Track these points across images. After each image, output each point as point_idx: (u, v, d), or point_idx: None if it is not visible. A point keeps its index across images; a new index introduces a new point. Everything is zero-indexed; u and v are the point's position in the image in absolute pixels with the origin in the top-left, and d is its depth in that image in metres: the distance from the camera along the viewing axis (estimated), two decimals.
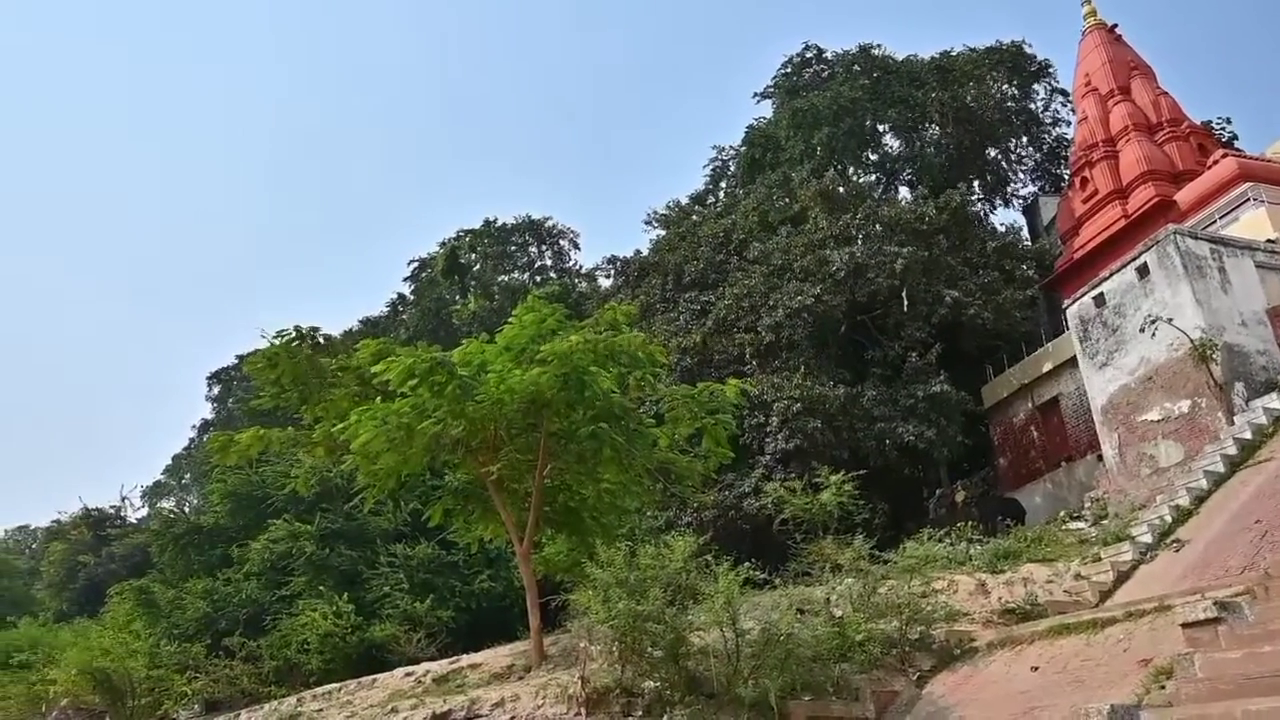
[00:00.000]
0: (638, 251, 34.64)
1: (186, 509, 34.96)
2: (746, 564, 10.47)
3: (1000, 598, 12.79)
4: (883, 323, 24.56)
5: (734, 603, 9.58)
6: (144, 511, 49.41)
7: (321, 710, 14.40)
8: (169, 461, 57.65)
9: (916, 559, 11.65)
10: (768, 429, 21.49)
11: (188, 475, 53.92)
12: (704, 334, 24.92)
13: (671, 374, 19.20)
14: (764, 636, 9.54)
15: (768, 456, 21.27)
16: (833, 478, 14.65)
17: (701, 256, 28.08)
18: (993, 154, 33.88)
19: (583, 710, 10.37)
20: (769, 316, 23.60)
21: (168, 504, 45.97)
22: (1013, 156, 34.68)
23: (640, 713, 9.91)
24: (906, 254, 23.52)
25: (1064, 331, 22.71)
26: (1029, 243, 31.04)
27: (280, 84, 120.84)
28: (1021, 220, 34.22)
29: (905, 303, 23.87)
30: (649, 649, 9.85)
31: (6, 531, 65.29)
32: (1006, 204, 34.90)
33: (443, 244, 47.51)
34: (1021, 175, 35.02)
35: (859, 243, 24.95)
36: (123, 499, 52.20)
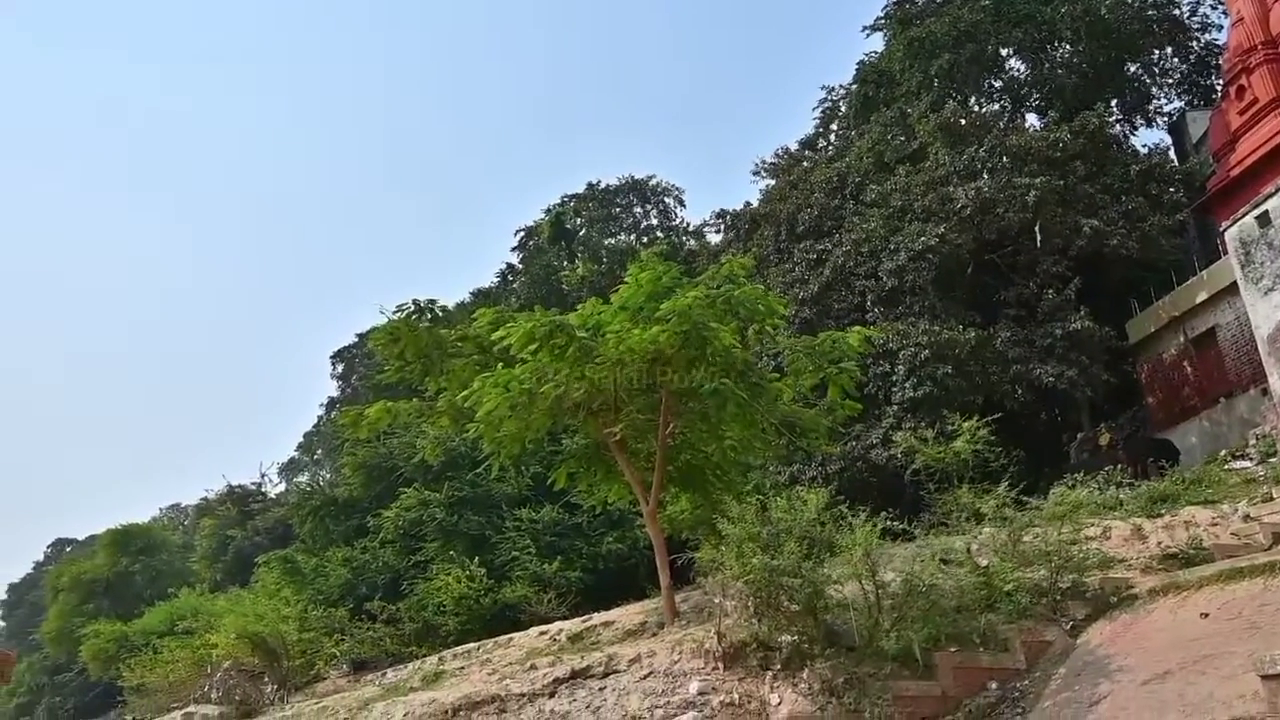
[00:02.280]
0: (747, 204, 34.27)
1: (321, 483, 36.88)
2: (884, 514, 10.37)
3: (1159, 543, 12.24)
4: (1014, 260, 23.59)
5: (872, 554, 9.52)
6: (281, 487, 52.43)
7: (463, 668, 15.10)
8: (300, 439, 61.05)
9: (1065, 505, 11.26)
10: (894, 378, 21.07)
11: (319, 451, 56.91)
12: (821, 284, 24.51)
13: (789, 326, 18.98)
14: (905, 587, 9.45)
15: (895, 406, 20.88)
16: (965, 425, 14.30)
17: (815, 204, 27.52)
18: (1132, 69, 31.66)
19: (720, 664, 10.55)
20: (890, 261, 23.01)
21: (303, 479, 48.63)
22: (1155, 70, 32.34)
23: (778, 666, 10.01)
24: (1039, 185, 22.43)
25: (1220, 257, 21.30)
26: (1176, 163, 29.02)
27: (389, 70, 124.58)
28: (1167, 139, 31.95)
29: (1039, 237, 22.85)
30: (785, 603, 9.90)
31: (161, 510, 70.77)
32: (1149, 123, 32.60)
33: (547, 211, 48.12)
34: (1166, 90, 32.60)
35: (985, 177, 23.95)
36: (262, 476, 55.57)
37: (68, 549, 75.31)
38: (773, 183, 33.07)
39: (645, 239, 46.17)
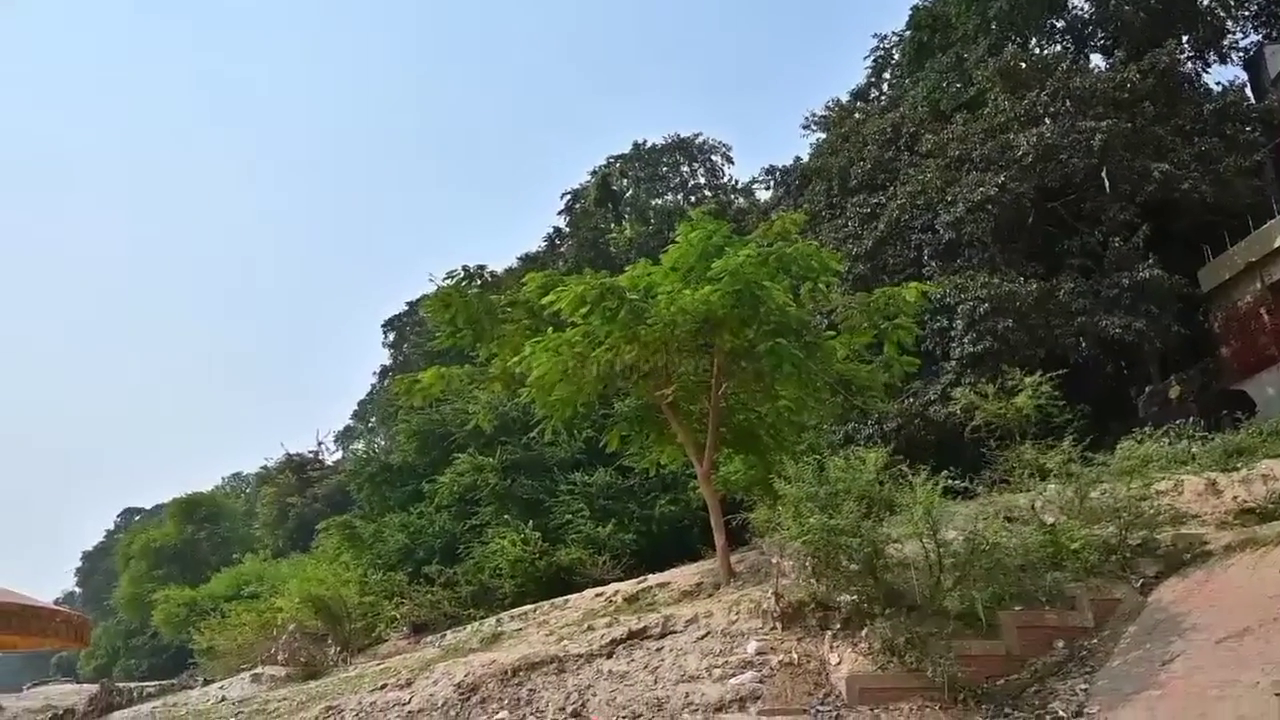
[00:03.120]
0: (797, 159, 33.81)
1: (376, 450, 37.63)
2: (945, 472, 10.23)
3: (1235, 497, 11.90)
4: (1078, 208, 22.91)
5: (933, 513, 9.41)
6: (338, 455, 53.70)
7: (521, 629, 15.36)
8: (355, 407, 62.32)
9: (1134, 459, 11.00)
10: (952, 333, 20.71)
11: (373, 419, 57.99)
12: (875, 239, 24.10)
13: (843, 283, 18.73)
14: (968, 546, 9.33)
15: (953, 362, 20.55)
16: (1028, 379, 14.04)
17: (868, 156, 26.99)
18: (1205, 1, 30.30)
19: (778, 624, 10.57)
20: (947, 213, 22.52)
21: (358, 446, 49.60)
22: (1230, 2, 30.92)
23: (838, 625, 9.99)
24: (1105, 128, 21.69)
25: None
26: (1253, 100, 27.74)
27: (434, 40, 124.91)
28: (1242, 76, 30.50)
29: (1105, 183, 22.15)
30: (844, 562, 9.85)
31: (223, 479, 72.93)
32: (1223, 59, 31.09)
33: (593, 173, 47.97)
34: (1241, 23, 31.03)
35: (1047, 122, 23.23)
36: (319, 444, 56.94)
37: (136, 518, 78.14)
38: (824, 136, 32.47)
39: (693, 198, 45.85)
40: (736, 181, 47.87)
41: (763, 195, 39.71)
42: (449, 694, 11.27)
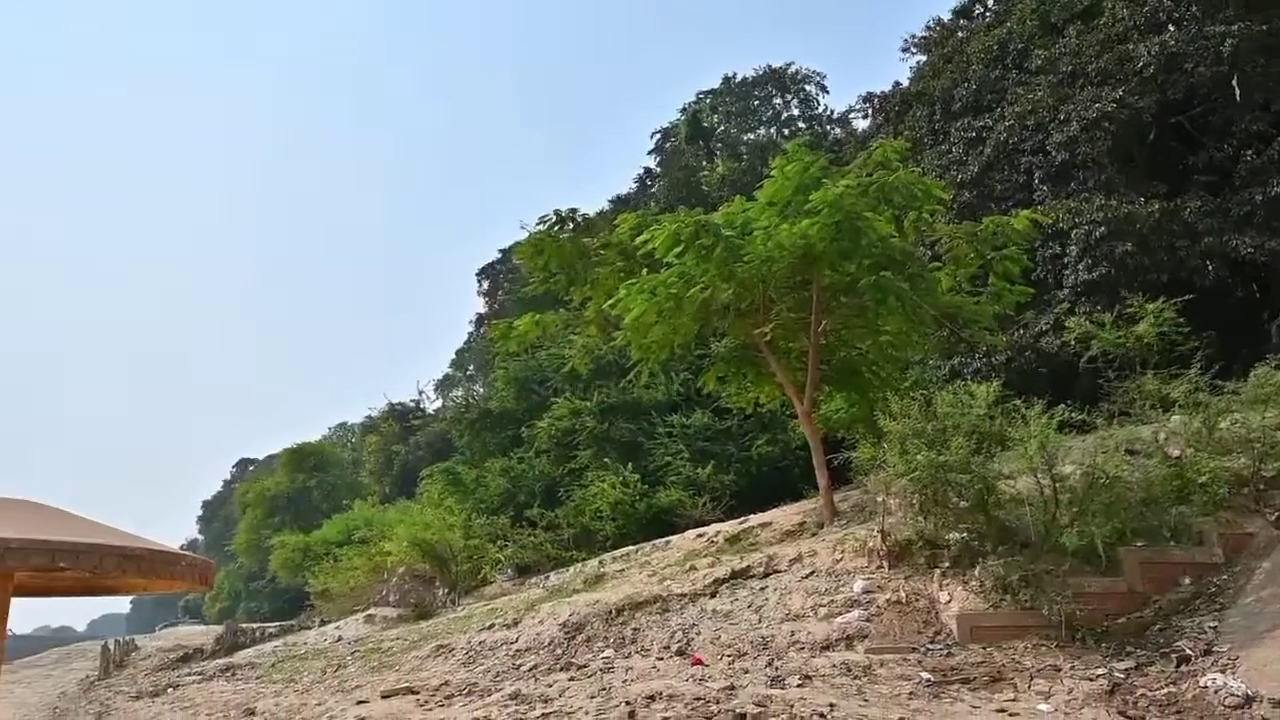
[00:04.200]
0: (896, 84, 32.60)
1: (475, 397, 38.59)
2: (1062, 405, 9.94)
3: None
4: (1205, 121, 21.52)
5: (1048, 447, 9.17)
6: (438, 403, 55.23)
7: (623, 570, 15.71)
8: (453, 356, 63.89)
9: (1269, 387, 10.45)
10: (1065, 259, 19.88)
11: (471, 366, 59.40)
12: (982, 164, 23.19)
13: (948, 212, 18.14)
14: (1086, 480, 9.08)
15: (1067, 290, 19.74)
16: (1149, 306, 13.43)
17: (972, 77, 25.84)
18: None
19: (884, 563, 10.55)
20: (1060, 133, 21.47)
21: (458, 394, 50.93)
22: None
23: (947, 564, 9.90)
24: (1236, 32, 20.20)
25: None
26: None
27: None
28: None
29: (1236, 92, 20.72)
30: (953, 500, 9.72)
31: (330, 429, 76.00)
32: None
33: (683, 110, 47.38)
34: None
35: (1170, 29, 21.76)
36: (419, 393, 58.77)
37: (250, 468, 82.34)
38: (924, 59, 31.20)
39: (786, 131, 44.91)
40: (832, 112, 46.63)
41: (860, 124, 38.61)
42: (555, 633, 11.64)
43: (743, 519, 16.84)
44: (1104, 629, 8.51)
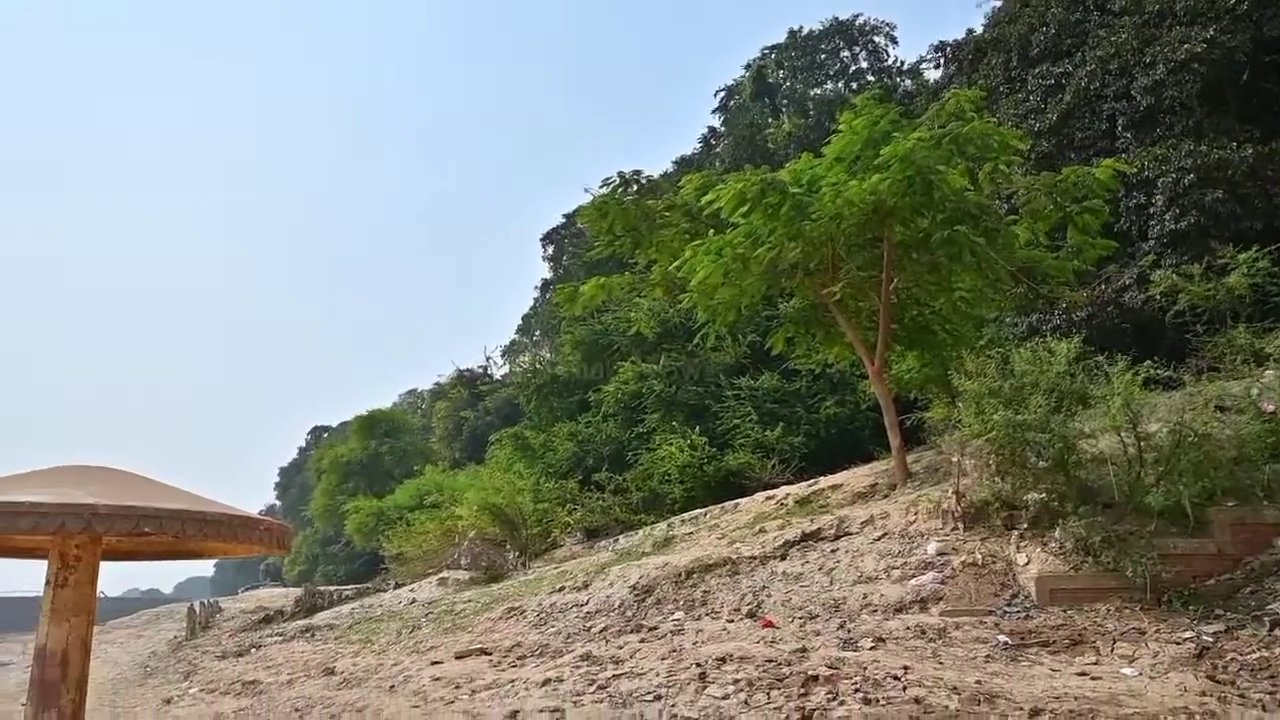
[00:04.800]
0: (969, 32, 31.60)
1: (542, 363, 38.94)
2: (1148, 362, 9.62)
3: None
4: None
5: (1133, 404, 8.90)
6: (506, 369, 55.80)
7: (692, 533, 15.79)
8: (519, 321, 64.50)
9: None
10: (1151, 210, 19.14)
11: (537, 332, 59.89)
12: (1061, 111, 22.38)
13: (1025, 163, 17.58)
14: (1173, 439, 8.79)
15: (1152, 242, 19.03)
16: (1242, 256, 12.90)
17: (1051, 20, 24.88)
18: None
19: (959, 525, 10.41)
20: (1145, 76, 20.58)
21: (525, 359, 51.45)
22: None
23: (1025, 525, 9.73)
24: None
25: None
26: None
27: None
28: None
29: None
30: (1032, 460, 9.52)
31: (400, 396, 77.68)
32: None
33: (747, 67, 46.65)
34: None
35: None
36: (487, 359, 59.62)
37: (324, 435, 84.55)
38: (999, 3, 30.13)
39: (855, 85, 43.90)
40: (902, 63, 45.39)
41: (932, 75, 37.54)
42: (625, 595, 11.78)
43: (812, 481, 16.77)
44: (1191, 591, 8.29)
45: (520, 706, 7.07)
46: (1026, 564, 9.17)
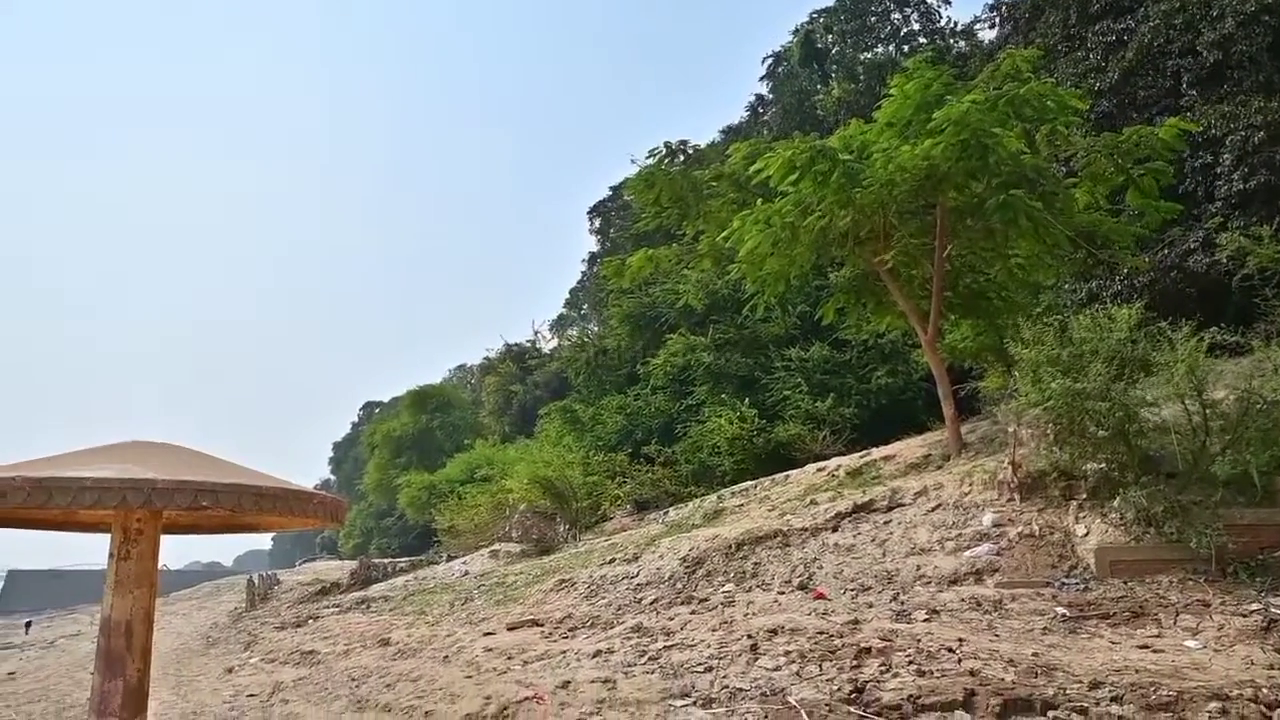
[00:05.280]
0: None
1: (589, 336, 39.10)
2: (1214, 328, 9.35)
3: None
4: None
5: (1197, 371, 8.67)
6: (553, 343, 56.17)
7: (742, 505, 15.79)
8: (567, 295, 64.78)
9: None
10: (1218, 169, 18.54)
11: (585, 306, 60.09)
12: (1122, 69, 21.72)
13: (1085, 124, 17.12)
14: (1240, 406, 8.56)
15: (1219, 203, 18.45)
16: None
17: None
18: None
19: (1015, 495, 10.27)
20: (1212, 30, 19.87)
21: (572, 333, 51.68)
22: None
23: (1083, 496, 9.56)
24: None
25: None
26: None
27: None
28: None
29: None
30: (1091, 429, 9.32)
31: (450, 371, 78.61)
32: None
33: (795, 32, 45.93)
34: None
35: None
36: (535, 333, 59.95)
37: (376, 410, 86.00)
38: None
39: (906, 48, 42.97)
40: (955, 24, 44.32)
41: (986, 36, 36.53)
42: (675, 567, 11.82)
43: (864, 452, 16.65)
44: (1258, 563, 8.09)
45: (572, 677, 7.15)
46: (1085, 535, 9.03)
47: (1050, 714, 5.15)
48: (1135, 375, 9.40)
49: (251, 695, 9.69)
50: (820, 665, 6.43)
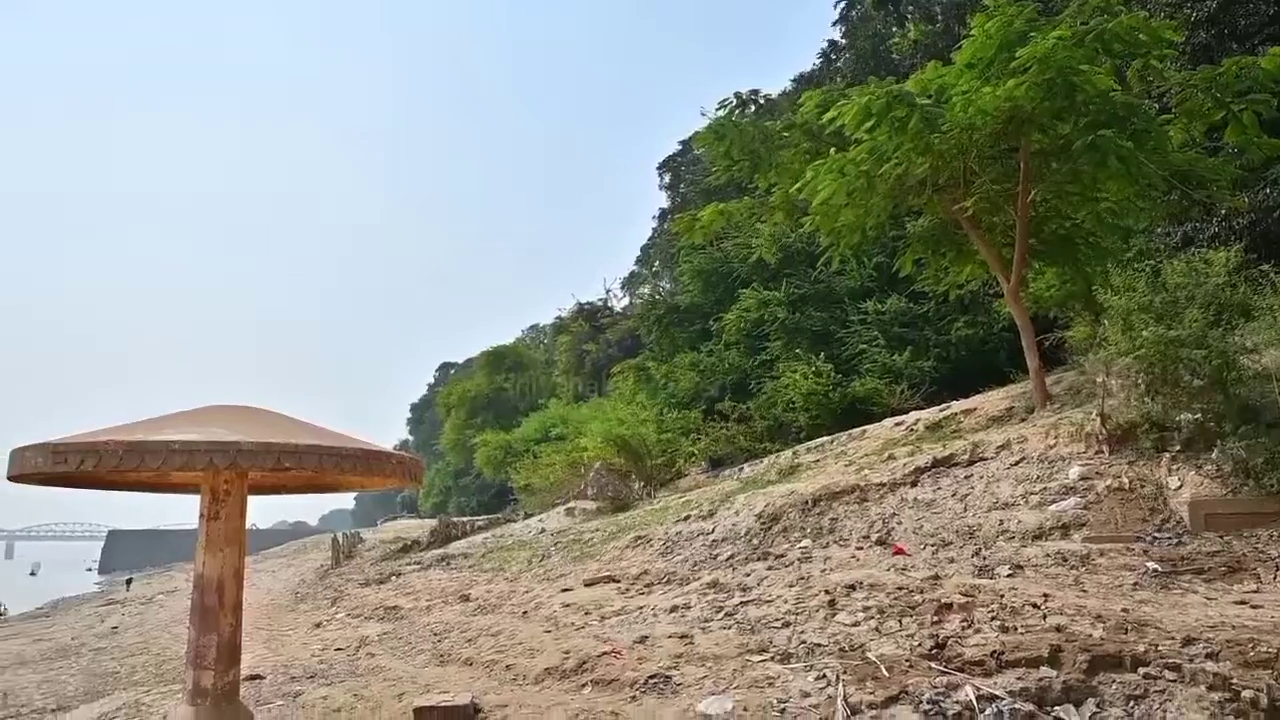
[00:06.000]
0: None
1: (661, 293, 39.07)
2: None
3: None
4: None
5: None
6: (625, 301, 56.25)
7: (818, 461, 15.70)
8: (638, 253, 64.71)
9: None
10: None
11: (656, 263, 59.92)
12: None
13: (1179, 57, 16.30)
14: None
15: None
16: None
17: None
18: None
19: (1104, 448, 10.00)
20: None
21: (644, 291, 51.67)
22: None
23: (1176, 447, 9.26)
24: None
25: None
26: None
27: None
28: None
29: None
30: (1185, 378, 9.01)
31: (523, 331, 79.43)
32: None
33: None
34: None
35: None
36: (607, 292, 60.11)
37: (451, 371, 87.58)
38: None
39: None
40: None
41: None
42: (751, 523, 11.85)
43: (944, 406, 16.37)
44: None
45: (649, 632, 7.24)
46: (1179, 488, 8.76)
47: (1141, 670, 5.04)
48: (1234, 321, 9.05)
49: (339, 649, 10.06)
50: (900, 621, 6.40)
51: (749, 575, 9.07)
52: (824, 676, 5.45)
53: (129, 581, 39.05)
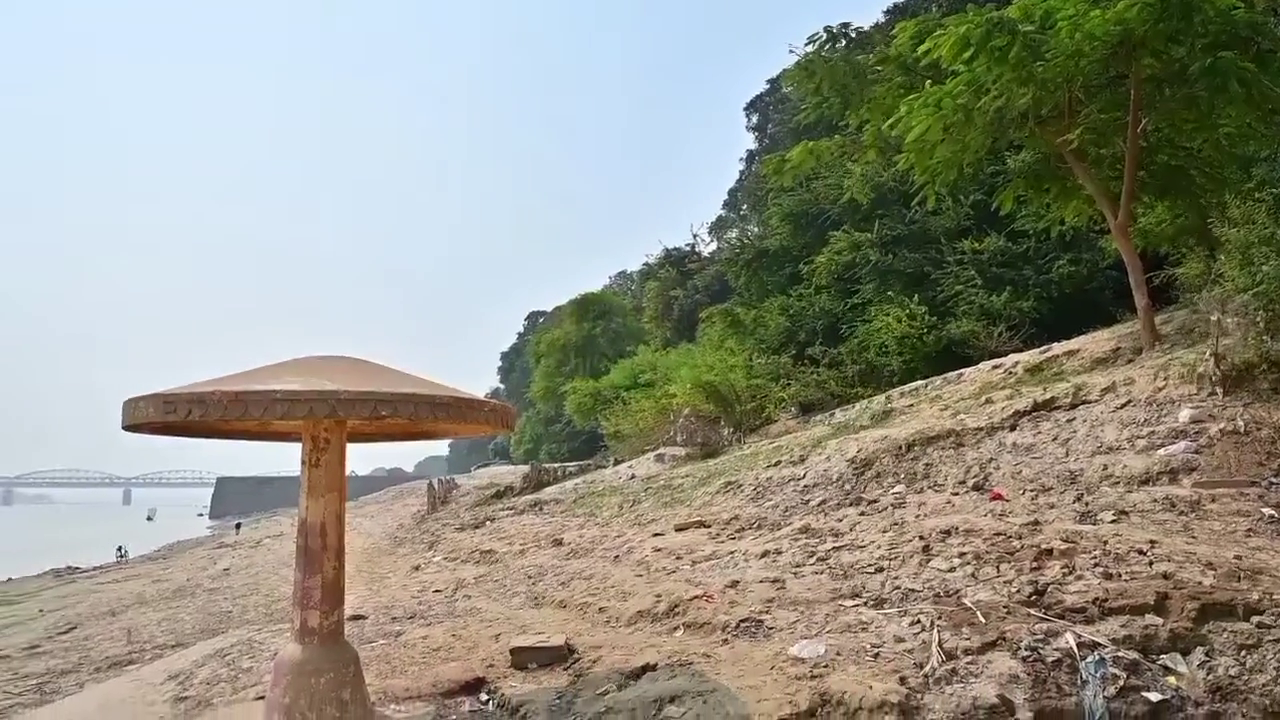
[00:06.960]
0: None
1: (749, 237, 38.64)
2: None
3: None
4: None
5: None
6: (713, 245, 55.89)
7: (912, 405, 15.46)
8: (725, 197, 64.07)
9: None
10: None
11: (744, 206, 59.27)
12: None
13: None
14: None
15: None
16: None
17: None
18: None
19: (1217, 389, 9.59)
20: None
21: (732, 234, 51.20)
22: None
23: None
24: None
25: None
26: None
27: None
28: None
29: None
30: None
31: (610, 278, 79.78)
32: None
33: None
34: None
35: None
36: (694, 237, 59.78)
37: (540, 320, 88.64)
38: None
39: None
40: None
41: None
42: (842, 469, 11.77)
43: (1044, 348, 15.90)
44: None
45: (740, 577, 7.31)
46: None
47: (1254, 619, 4.88)
48: None
49: (437, 591, 10.42)
50: (997, 567, 6.31)
51: (841, 521, 9.04)
52: (918, 622, 5.43)
53: (238, 526, 41.11)
